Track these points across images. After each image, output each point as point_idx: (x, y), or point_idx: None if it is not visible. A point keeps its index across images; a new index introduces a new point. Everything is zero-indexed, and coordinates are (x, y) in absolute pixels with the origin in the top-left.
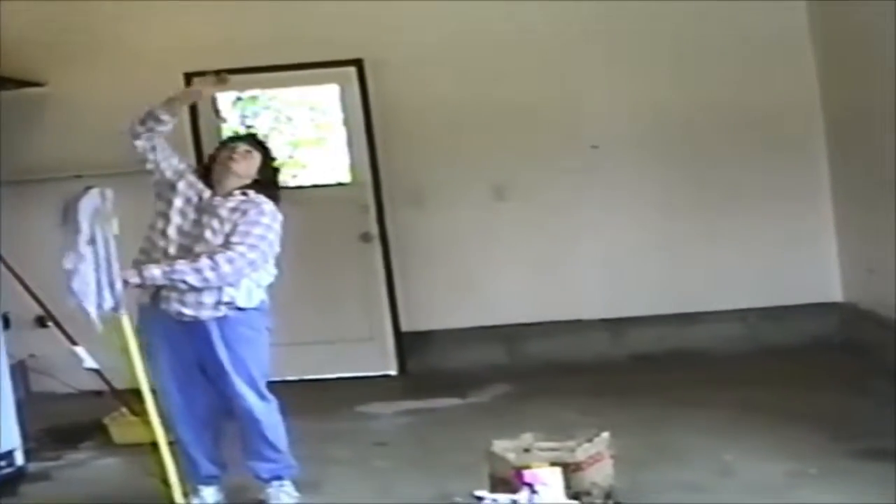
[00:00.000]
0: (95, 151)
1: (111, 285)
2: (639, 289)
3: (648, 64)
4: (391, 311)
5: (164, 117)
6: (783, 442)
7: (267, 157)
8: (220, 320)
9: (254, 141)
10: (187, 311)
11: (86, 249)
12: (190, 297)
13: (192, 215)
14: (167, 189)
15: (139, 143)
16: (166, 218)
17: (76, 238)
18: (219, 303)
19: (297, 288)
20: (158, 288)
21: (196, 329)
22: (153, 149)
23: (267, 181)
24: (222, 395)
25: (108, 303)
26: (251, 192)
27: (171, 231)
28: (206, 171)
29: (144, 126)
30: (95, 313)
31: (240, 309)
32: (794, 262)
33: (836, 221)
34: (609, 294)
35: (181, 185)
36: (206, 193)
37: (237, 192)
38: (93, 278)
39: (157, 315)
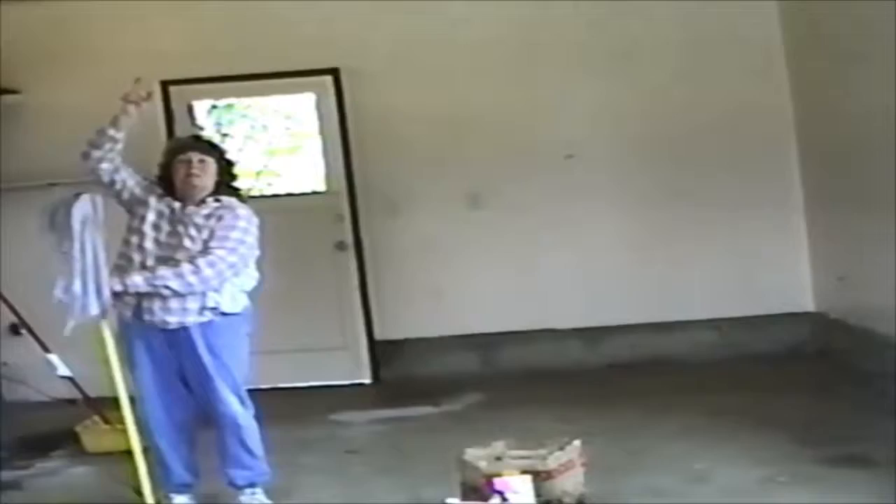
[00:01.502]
0: (70, 159)
1: (98, 291)
2: (613, 298)
3: (623, 72)
4: (365, 320)
5: (115, 134)
6: (755, 449)
7: (220, 156)
8: (205, 327)
9: (203, 146)
10: (172, 319)
11: (78, 255)
12: (174, 304)
13: (166, 227)
14: (138, 205)
15: (104, 167)
16: (140, 233)
17: (68, 243)
18: (203, 308)
19: (271, 296)
20: (140, 301)
21: (180, 337)
22: (117, 169)
23: (227, 181)
24: (202, 402)
25: (94, 308)
26: (223, 198)
27: (148, 244)
28: (167, 183)
29: (101, 149)
30: (80, 318)
31: (224, 314)
32: (767, 271)
33: (808, 230)
34: (583, 303)
35: (152, 200)
36: (177, 205)
37: (209, 198)
38: (79, 284)
39: (140, 328)
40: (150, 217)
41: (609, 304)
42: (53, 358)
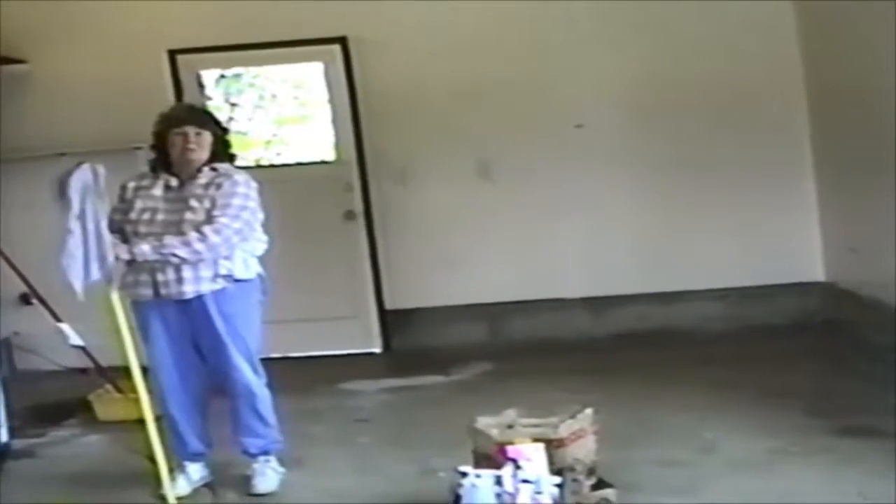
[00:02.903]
0: (79, 128)
1: (101, 258)
2: (621, 268)
3: (632, 42)
4: (375, 289)
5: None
6: (764, 419)
7: (215, 126)
8: (218, 295)
9: (199, 117)
10: (188, 288)
11: (74, 224)
12: (188, 274)
13: (162, 205)
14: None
15: None
16: (135, 223)
17: (66, 213)
18: (216, 275)
19: (282, 266)
20: (155, 277)
21: (194, 306)
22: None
23: (222, 150)
24: (215, 371)
25: (95, 274)
26: (219, 165)
27: (143, 228)
28: (161, 154)
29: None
30: (80, 285)
31: (237, 281)
32: (776, 241)
33: (819, 200)
34: (591, 273)
35: (137, 198)
36: (173, 181)
37: (205, 167)
38: (80, 252)
39: (157, 303)
40: (139, 204)
41: (617, 274)
42: (65, 327)
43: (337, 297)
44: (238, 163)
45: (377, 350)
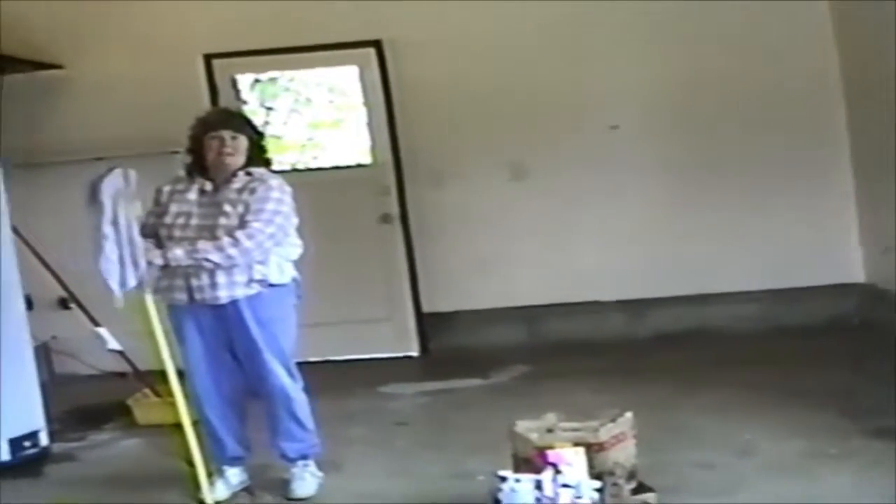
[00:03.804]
0: (115, 133)
1: (135, 264)
2: (657, 270)
3: (667, 41)
4: (412, 292)
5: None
6: (800, 421)
7: (251, 131)
8: (253, 299)
9: (236, 122)
10: (222, 294)
11: (109, 229)
12: (222, 279)
13: (197, 210)
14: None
15: None
16: (170, 227)
17: (100, 217)
18: (251, 280)
19: (319, 270)
20: (190, 282)
21: (229, 311)
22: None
23: (258, 155)
24: (251, 375)
25: (132, 281)
26: (254, 170)
27: (177, 233)
28: (197, 158)
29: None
30: (119, 291)
31: (272, 286)
32: (813, 242)
33: (857, 200)
34: (627, 275)
35: (172, 202)
36: (208, 186)
37: (239, 172)
38: (116, 256)
39: (191, 308)
40: (174, 208)
41: (653, 275)
42: (103, 331)
43: (374, 300)
44: (273, 167)
45: (414, 353)
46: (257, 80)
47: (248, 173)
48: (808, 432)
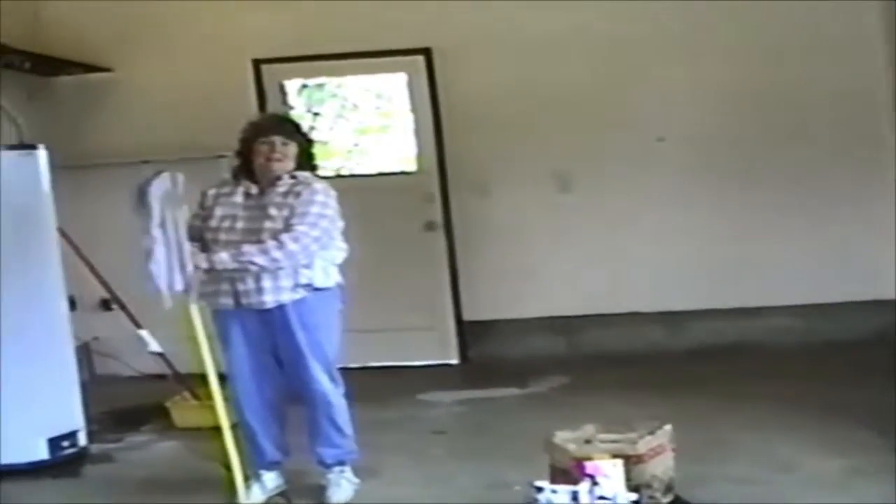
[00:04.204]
0: (162, 137)
1: (182, 268)
2: (696, 282)
3: (715, 53)
4: (453, 300)
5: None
6: (839, 438)
7: (302, 138)
8: (299, 304)
9: (287, 128)
10: (268, 298)
11: (157, 232)
12: (268, 283)
13: (242, 213)
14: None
15: None
16: (215, 230)
17: (148, 221)
18: (297, 285)
19: (361, 276)
20: (236, 287)
21: (275, 315)
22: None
23: (306, 161)
24: (293, 380)
25: (179, 284)
26: (299, 173)
27: (223, 236)
28: (245, 161)
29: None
30: (168, 294)
31: (317, 290)
32: (854, 257)
33: None
34: (667, 287)
35: (217, 206)
36: (253, 189)
37: (285, 175)
38: (164, 259)
39: (235, 312)
40: (219, 211)
41: (692, 288)
42: (145, 334)
43: (415, 307)
44: (319, 172)
45: (454, 361)
46: (304, 86)
47: (293, 177)
48: (847, 449)
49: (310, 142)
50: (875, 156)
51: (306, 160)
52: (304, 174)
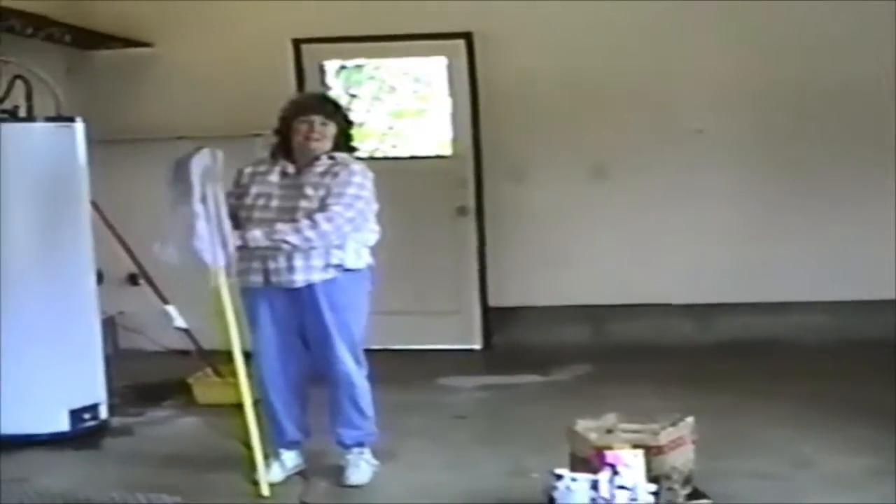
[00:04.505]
0: (199, 114)
1: (224, 244)
2: (727, 276)
3: (754, 46)
4: (480, 286)
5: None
6: (863, 436)
7: (341, 119)
8: (329, 284)
9: (328, 108)
10: (298, 277)
11: (199, 207)
12: (299, 262)
13: (278, 192)
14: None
15: None
16: (250, 208)
17: (189, 196)
18: (328, 265)
19: (390, 258)
20: (267, 265)
21: (304, 295)
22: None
23: (344, 142)
24: (318, 360)
25: (221, 259)
26: (337, 154)
27: (257, 214)
28: (284, 140)
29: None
30: (213, 266)
31: (348, 270)
32: (888, 254)
33: None
34: (697, 279)
35: (253, 184)
36: (290, 168)
37: (323, 155)
38: (207, 234)
39: (264, 290)
40: (254, 189)
41: (722, 282)
42: (171, 309)
43: (442, 291)
44: (357, 154)
45: (477, 346)
46: (343, 67)
47: (332, 157)
48: (871, 448)
49: (349, 123)
50: None
51: (345, 141)
52: (343, 155)
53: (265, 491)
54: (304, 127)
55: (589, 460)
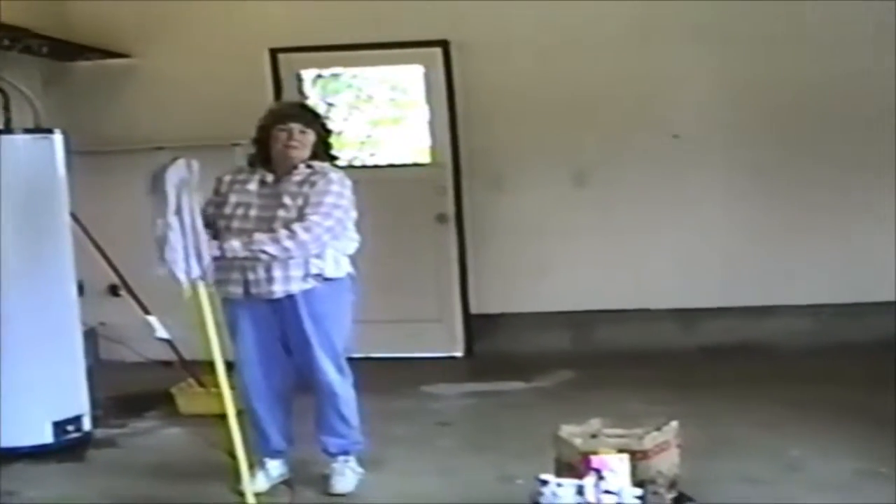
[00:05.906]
0: (177, 124)
1: (198, 255)
2: (710, 280)
3: (731, 51)
4: (461, 293)
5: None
6: (851, 440)
7: (320, 127)
8: (309, 294)
9: (306, 115)
10: (277, 288)
11: (173, 218)
12: (278, 273)
13: (257, 201)
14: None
15: None
16: (229, 217)
17: (164, 207)
18: (307, 275)
19: (371, 267)
20: (246, 276)
21: (284, 305)
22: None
23: (323, 150)
24: (301, 369)
25: (195, 271)
26: (315, 163)
27: (236, 224)
28: (262, 148)
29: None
30: (185, 279)
31: (328, 280)
32: (872, 257)
33: None
34: (680, 284)
35: (232, 193)
36: (269, 177)
37: (301, 164)
38: (181, 246)
39: (247, 301)
40: (233, 199)
41: (706, 286)
42: (153, 320)
43: (423, 299)
44: (337, 163)
45: (460, 354)
46: (319, 76)
47: (309, 166)
48: (859, 451)
49: (328, 131)
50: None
51: (324, 150)
52: (321, 164)
53: (250, 500)
54: (283, 135)
55: (574, 465)
